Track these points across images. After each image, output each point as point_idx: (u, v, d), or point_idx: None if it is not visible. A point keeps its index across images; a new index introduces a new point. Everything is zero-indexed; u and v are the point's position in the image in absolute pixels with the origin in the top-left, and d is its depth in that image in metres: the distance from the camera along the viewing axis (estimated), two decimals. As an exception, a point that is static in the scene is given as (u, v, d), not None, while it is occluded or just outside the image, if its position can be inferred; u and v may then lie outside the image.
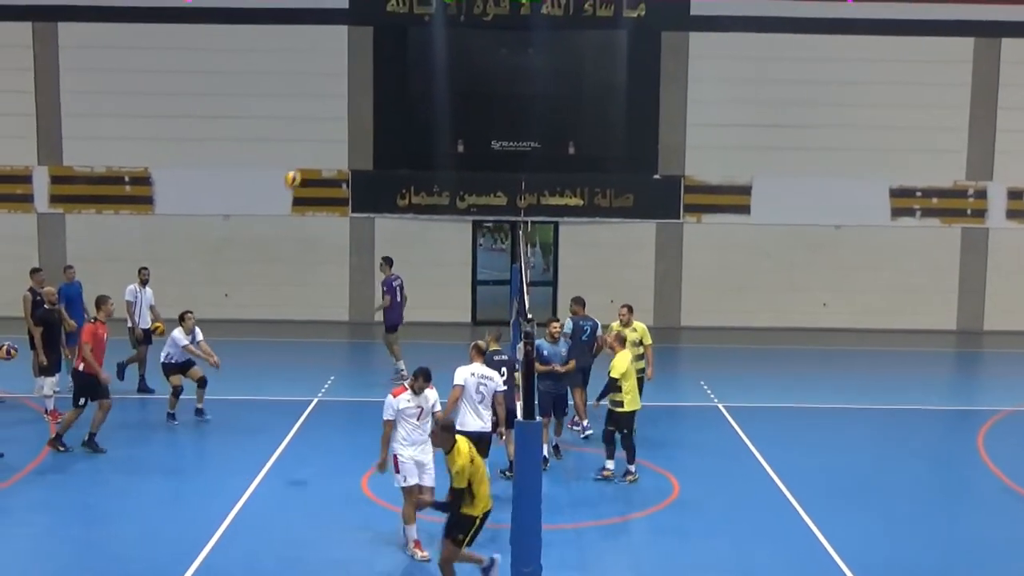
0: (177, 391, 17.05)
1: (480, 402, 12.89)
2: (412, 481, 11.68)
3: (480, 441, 12.35)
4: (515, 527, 8.75)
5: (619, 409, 14.38)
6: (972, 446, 16.77)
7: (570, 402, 15.62)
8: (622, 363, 14.40)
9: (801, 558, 12.00)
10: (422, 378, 11.87)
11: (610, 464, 14.53)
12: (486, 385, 13.00)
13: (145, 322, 19.06)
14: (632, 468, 14.43)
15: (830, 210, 27.02)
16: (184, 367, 17.13)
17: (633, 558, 12.14)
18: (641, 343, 16.14)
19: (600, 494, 14.03)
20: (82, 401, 15.32)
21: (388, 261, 20.43)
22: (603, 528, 12.81)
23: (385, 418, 11.78)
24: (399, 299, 20.16)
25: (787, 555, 12.08)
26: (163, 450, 16.01)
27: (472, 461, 10.27)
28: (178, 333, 17.01)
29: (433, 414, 11.80)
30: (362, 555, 11.80)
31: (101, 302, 15.94)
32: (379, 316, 20.75)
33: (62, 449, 15.28)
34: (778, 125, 26.78)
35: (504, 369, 13.67)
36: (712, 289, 27.24)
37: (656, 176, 27.14)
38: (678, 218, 27.28)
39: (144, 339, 19.09)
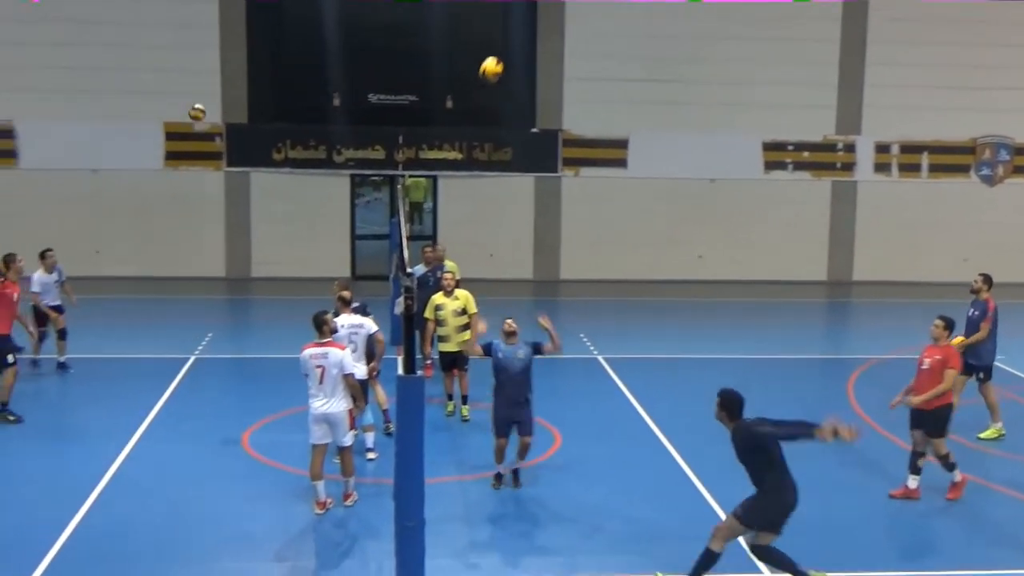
0: (42, 336, 16.87)
1: (354, 352, 12.79)
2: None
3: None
4: (397, 481, 8.73)
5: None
6: (841, 392, 17.24)
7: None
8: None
9: (683, 506, 12.21)
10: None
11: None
12: (357, 333, 13.07)
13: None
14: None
15: (705, 164, 27.39)
16: (56, 311, 16.94)
17: (518, 508, 12.22)
18: (465, 311, 15.47)
19: (485, 448, 14.04)
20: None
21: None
22: (487, 480, 12.82)
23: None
24: None
25: (670, 502, 12.28)
26: (36, 410, 15.23)
27: None
28: (41, 274, 16.84)
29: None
30: (242, 510, 11.65)
31: (10, 260, 15.23)
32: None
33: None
34: (654, 80, 26.99)
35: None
36: (590, 242, 27.46)
37: (534, 130, 27.16)
38: (556, 172, 27.39)
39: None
